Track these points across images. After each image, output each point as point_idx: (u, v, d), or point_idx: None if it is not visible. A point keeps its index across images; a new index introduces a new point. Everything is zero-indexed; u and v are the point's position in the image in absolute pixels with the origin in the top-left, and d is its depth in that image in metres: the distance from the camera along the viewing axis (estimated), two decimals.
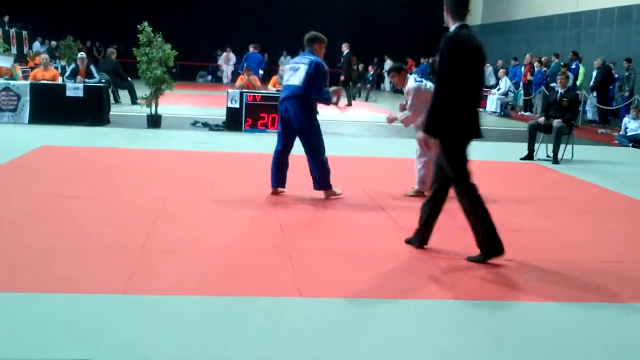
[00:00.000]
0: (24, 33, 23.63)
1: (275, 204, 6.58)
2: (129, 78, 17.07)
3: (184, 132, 12.06)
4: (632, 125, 13.44)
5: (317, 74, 6.69)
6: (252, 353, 3.32)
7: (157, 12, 27.18)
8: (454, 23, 4.86)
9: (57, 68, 16.92)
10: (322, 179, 6.83)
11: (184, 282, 4.25)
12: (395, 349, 3.43)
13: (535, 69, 19.94)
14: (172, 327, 3.56)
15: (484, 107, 20.29)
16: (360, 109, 19.27)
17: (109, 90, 14.38)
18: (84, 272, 4.34)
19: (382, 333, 3.63)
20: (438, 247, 5.36)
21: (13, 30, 22.60)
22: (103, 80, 14.39)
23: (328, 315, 3.84)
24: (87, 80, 13.53)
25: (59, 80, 13.47)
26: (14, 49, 22.00)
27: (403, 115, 7.14)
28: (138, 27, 12.10)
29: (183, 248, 4.99)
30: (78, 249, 4.80)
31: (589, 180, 8.85)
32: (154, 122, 12.42)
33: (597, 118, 18.02)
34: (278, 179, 6.93)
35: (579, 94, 15.41)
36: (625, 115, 14.26)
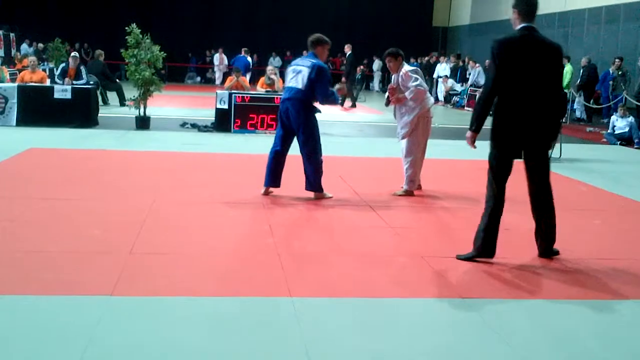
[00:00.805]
0: (12, 35, 23.47)
1: (265, 205, 6.57)
2: (117, 80, 17.01)
3: (173, 133, 12.03)
4: (619, 124, 13.52)
5: (320, 78, 6.68)
6: (242, 353, 3.31)
7: (145, 13, 27.10)
8: (519, 25, 4.90)
9: (45, 70, 16.84)
10: (314, 181, 6.84)
11: (173, 284, 4.24)
12: (386, 349, 3.43)
13: None
14: (160, 329, 3.54)
15: (473, 106, 20.35)
16: (349, 109, 19.28)
17: (97, 92, 14.33)
18: (72, 274, 4.32)
19: (372, 332, 3.63)
20: (429, 247, 5.38)
21: (0, 33, 22.46)
22: (91, 82, 14.34)
23: (318, 315, 3.84)
24: (75, 82, 13.47)
25: (47, 83, 13.41)
26: (2, 52, 21.87)
27: (410, 93, 7.05)
28: (126, 28, 12.07)
29: (172, 250, 4.97)
30: (65, 252, 4.78)
31: (577, 179, 8.89)
32: (143, 123, 12.37)
33: (584, 116, 18.13)
34: (272, 179, 6.92)
35: (567, 93, 15.49)
36: (613, 114, 14.35)
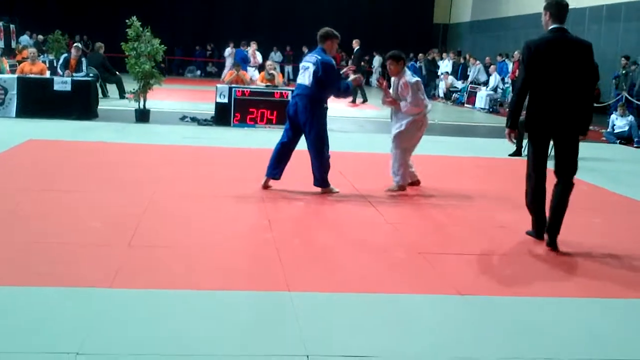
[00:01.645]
0: (12, 27, 23.43)
1: (264, 199, 6.57)
2: (117, 72, 16.98)
3: (173, 126, 12.02)
4: (619, 123, 13.54)
5: (327, 73, 6.64)
6: (240, 347, 3.32)
7: (146, 6, 27.03)
8: (551, 25, 5.21)
9: (45, 62, 16.81)
10: (320, 176, 6.83)
11: (171, 277, 4.25)
12: (384, 344, 3.44)
13: None
14: (158, 322, 3.55)
15: (473, 103, 20.35)
16: (349, 105, 19.25)
17: (97, 85, 14.31)
18: (70, 266, 4.32)
19: (370, 327, 3.64)
20: (427, 243, 5.38)
21: (0, 24, 22.42)
22: (91, 75, 14.32)
23: (316, 310, 3.84)
24: (75, 75, 13.45)
25: (47, 74, 13.39)
26: (1, 43, 21.83)
27: (404, 108, 7.08)
28: (127, 21, 12.05)
29: (171, 243, 4.98)
30: (64, 244, 4.78)
31: (577, 177, 8.86)
32: (142, 116, 12.36)
33: None
34: (274, 169, 6.89)
35: None
36: (613, 113, 14.35)
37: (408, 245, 5.25)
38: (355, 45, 20.37)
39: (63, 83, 12.29)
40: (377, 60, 27.55)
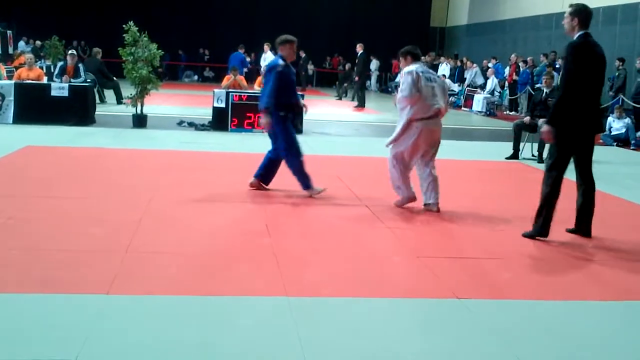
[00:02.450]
0: (9, 33, 23.43)
1: (262, 204, 6.57)
2: (115, 78, 16.98)
3: (170, 131, 12.02)
4: (616, 125, 13.55)
5: (268, 79, 6.72)
6: (238, 353, 3.32)
7: (143, 11, 27.04)
8: (578, 31, 5.47)
9: (42, 68, 16.80)
10: (300, 181, 6.86)
11: (169, 282, 4.24)
12: (382, 349, 3.44)
13: (521, 69, 20.05)
14: (156, 327, 3.55)
15: (470, 106, 20.37)
16: (347, 109, 19.28)
17: (95, 90, 14.31)
18: (68, 272, 4.32)
19: (368, 332, 3.63)
20: (425, 247, 5.39)
21: None
22: (89, 80, 14.31)
23: (314, 315, 3.84)
24: (73, 80, 13.45)
25: (44, 80, 13.38)
26: None
27: (396, 100, 6.63)
28: (124, 26, 12.05)
29: (168, 249, 4.98)
30: (62, 250, 4.78)
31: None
32: (140, 122, 12.37)
33: None
34: (260, 172, 7.01)
35: None
36: (610, 115, 14.36)
37: (406, 250, 5.25)
38: (359, 50, 20.39)
39: (60, 89, 12.29)
40: (374, 64, 27.60)
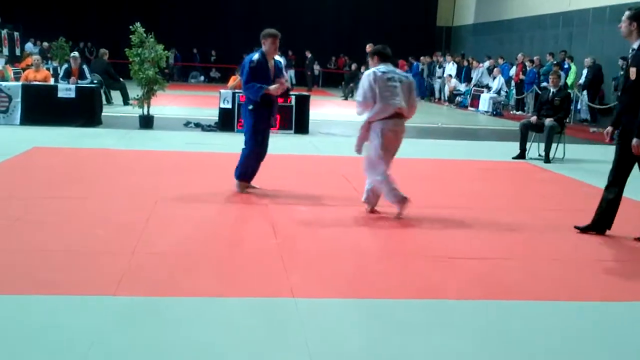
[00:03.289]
0: (16, 34, 23.52)
1: (268, 205, 6.57)
2: (121, 79, 17.03)
3: (177, 132, 12.04)
4: None
5: (242, 71, 6.81)
6: (244, 354, 3.31)
7: (150, 12, 27.11)
8: (638, 36, 5.63)
9: (49, 69, 16.85)
10: (237, 168, 6.97)
11: (176, 284, 4.24)
12: (388, 350, 3.43)
13: (527, 69, 19.99)
14: (163, 329, 3.55)
15: (477, 106, 20.32)
16: (353, 109, 19.27)
17: (101, 91, 14.34)
18: (75, 274, 4.33)
19: (375, 333, 3.63)
20: (432, 247, 5.37)
21: (5, 32, 22.50)
22: (95, 81, 14.35)
23: (321, 316, 3.84)
24: (79, 82, 13.49)
25: (51, 82, 13.42)
26: (6, 50, 21.91)
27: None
28: (130, 27, 12.08)
29: (174, 250, 4.98)
30: (69, 251, 4.79)
31: (580, 179, 8.87)
32: (146, 122, 12.39)
33: (589, 117, 18.07)
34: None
35: (571, 93, 15.45)
36: None
37: (413, 250, 5.24)
38: (369, 49, 20.34)
39: (67, 90, 12.33)
40: None
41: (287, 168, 6.98)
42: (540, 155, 10.49)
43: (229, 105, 12.50)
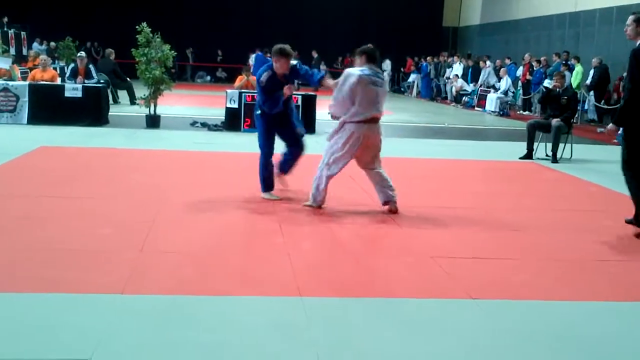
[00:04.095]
0: (23, 34, 23.62)
1: (275, 203, 6.57)
2: (128, 78, 17.06)
3: (183, 132, 12.06)
4: None
5: (256, 76, 6.82)
6: (252, 353, 3.31)
7: (156, 12, 27.15)
8: None
9: (56, 69, 16.89)
10: (260, 180, 6.82)
11: (183, 282, 4.25)
12: (396, 349, 3.43)
13: (534, 69, 19.95)
14: (170, 328, 3.55)
15: (484, 106, 20.29)
16: None
17: (108, 91, 14.37)
18: (82, 272, 4.34)
19: (382, 332, 3.62)
20: (438, 247, 5.36)
21: (12, 31, 22.60)
22: (102, 81, 14.38)
23: (328, 315, 3.83)
24: (86, 81, 13.52)
25: (58, 81, 13.46)
26: (13, 50, 21.99)
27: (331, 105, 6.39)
28: (137, 27, 12.10)
29: (182, 248, 4.98)
30: (77, 250, 4.80)
31: (588, 179, 8.84)
32: (153, 122, 12.41)
33: (595, 117, 18.02)
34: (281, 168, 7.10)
35: (578, 93, 15.41)
36: None
37: (420, 250, 5.23)
38: (358, 49, 20.30)
39: (74, 90, 12.36)
40: (387, 64, 27.55)
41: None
42: (548, 156, 10.46)
43: (236, 105, 12.51)
